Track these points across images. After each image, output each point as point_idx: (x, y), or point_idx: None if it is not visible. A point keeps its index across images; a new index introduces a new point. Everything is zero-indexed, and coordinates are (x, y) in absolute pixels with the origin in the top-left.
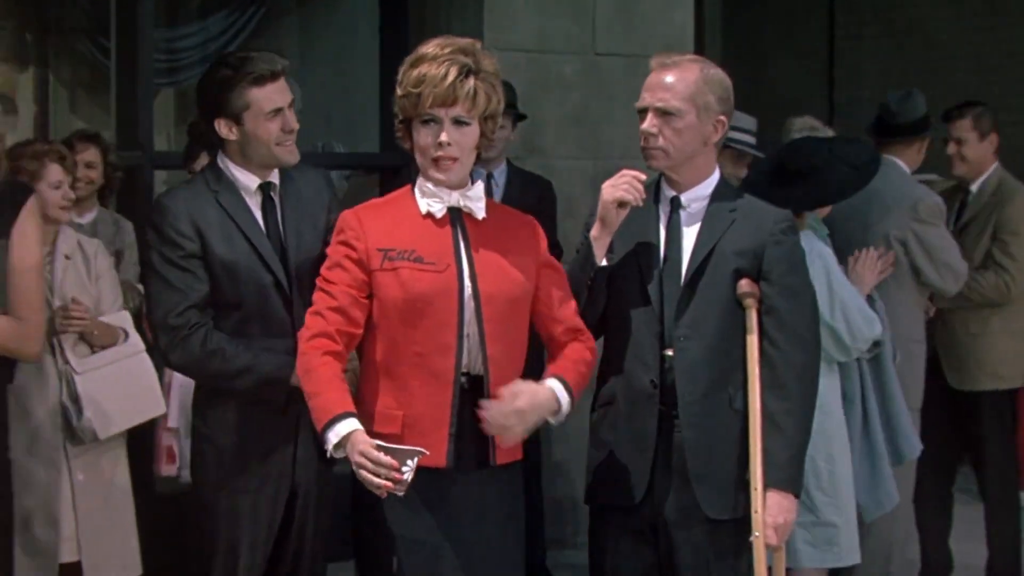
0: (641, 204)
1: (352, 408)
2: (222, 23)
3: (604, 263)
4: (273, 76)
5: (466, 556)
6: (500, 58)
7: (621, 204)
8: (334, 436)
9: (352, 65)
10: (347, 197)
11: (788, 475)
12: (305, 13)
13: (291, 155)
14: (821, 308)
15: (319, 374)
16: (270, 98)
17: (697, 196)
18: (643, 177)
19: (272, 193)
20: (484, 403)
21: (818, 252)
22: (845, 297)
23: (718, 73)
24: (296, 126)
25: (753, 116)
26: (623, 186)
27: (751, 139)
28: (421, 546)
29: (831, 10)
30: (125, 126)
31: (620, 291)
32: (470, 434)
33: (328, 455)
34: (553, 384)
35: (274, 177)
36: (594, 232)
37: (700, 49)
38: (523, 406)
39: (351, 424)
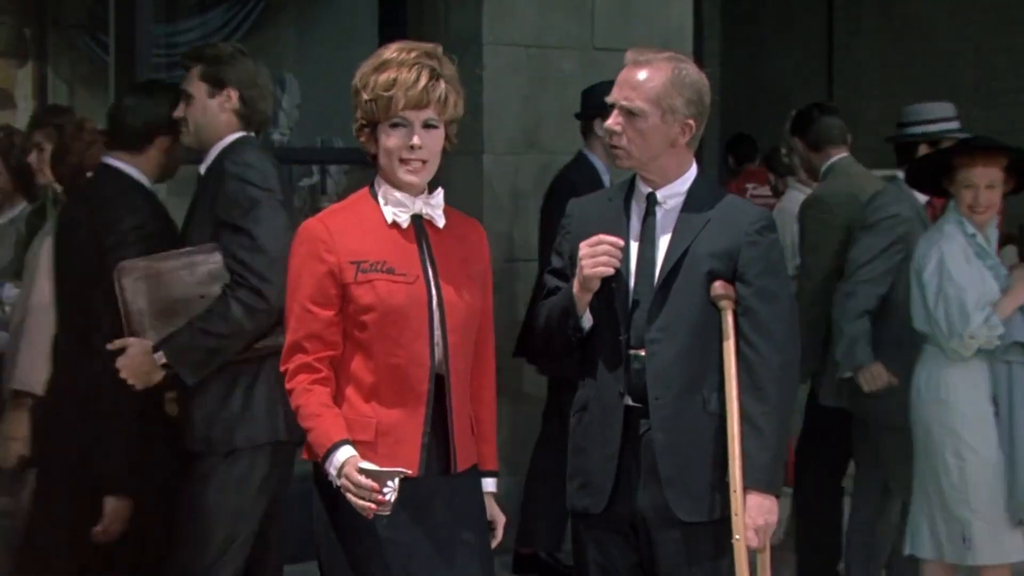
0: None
1: (344, 435)
2: (221, 18)
3: (590, 324)
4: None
5: (436, 556)
6: (499, 53)
7: None
8: (332, 468)
9: (351, 60)
10: (346, 191)
11: (768, 476)
12: (304, 7)
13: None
14: (929, 299)
15: (308, 408)
16: None
17: (673, 192)
18: (621, 243)
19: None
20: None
21: (938, 246)
22: (951, 292)
23: (692, 74)
24: (179, 135)
25: (751, 109)
26: (603, 259)
27: (951, 125)
28: (392, 545)
29: (830, 3)
30: None
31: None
32: (435, 441)
33: (335, 487)
34: (491, 488)
35: (203, 168)
36: (576, 291)
37: (698, 43)
38: (502, 524)
39: (346, 452)
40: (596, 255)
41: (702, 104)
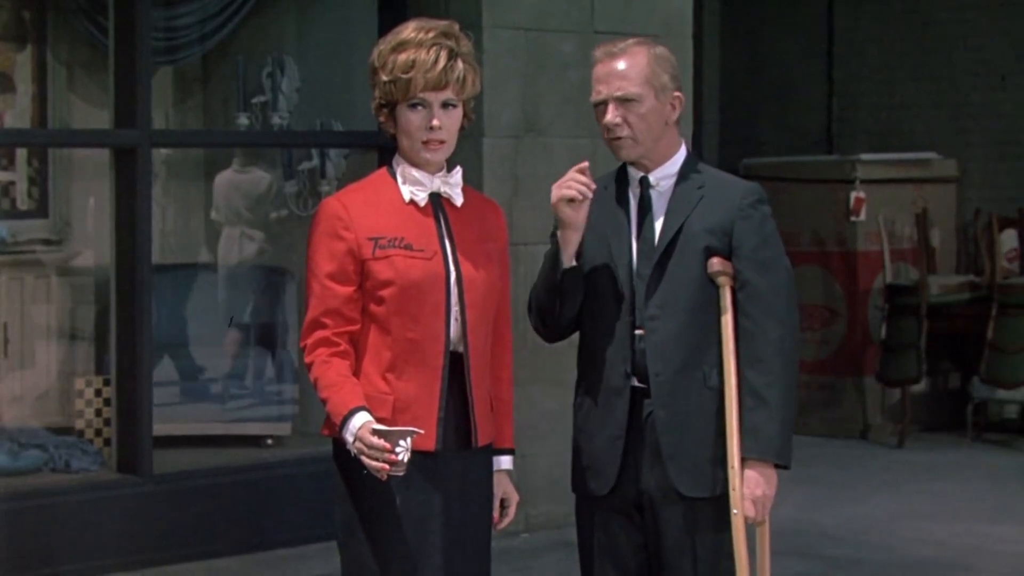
0: (590, 196)
1: (361, 401)
2: (220, 1)
3: (573, 263)
4: None
5: (449, 533)
6: (499, 36)
7: (571, 201)
8: (349, 435)
9: (350, 43)
10: (345, 175)
11: (778, 447)
12: None
13: None
14: None
15: (325, 379)
16: None
17: (665, 174)
18: (585, 165)
19: None
20: (496, 521)
21: None
22: None
23: (664, 51)
24: None
25: (751, 92)
26: (567, 183)
27: None
28: (409, 522)
29: None
30: (123, 105)
31: (593, 278)
32: (454, 416)
33: (353, 455)
34: (506, 465)
35: None
36: (559, 233)
37: (699, 27)
38: (515, 503)
39: (361, 418)
40: (563, 183)
41: (679, 78)
